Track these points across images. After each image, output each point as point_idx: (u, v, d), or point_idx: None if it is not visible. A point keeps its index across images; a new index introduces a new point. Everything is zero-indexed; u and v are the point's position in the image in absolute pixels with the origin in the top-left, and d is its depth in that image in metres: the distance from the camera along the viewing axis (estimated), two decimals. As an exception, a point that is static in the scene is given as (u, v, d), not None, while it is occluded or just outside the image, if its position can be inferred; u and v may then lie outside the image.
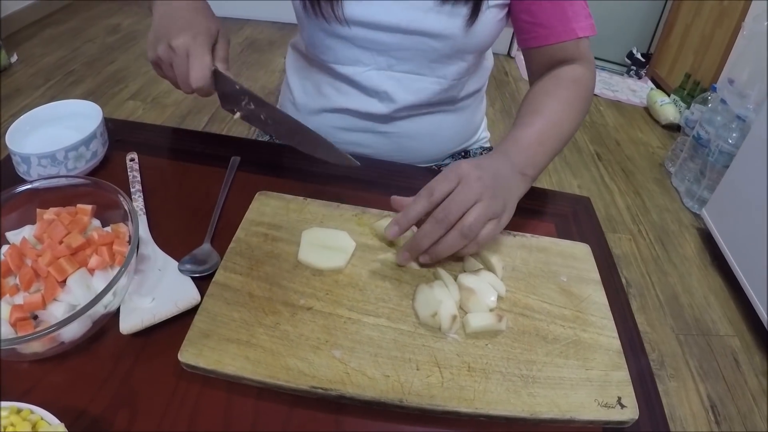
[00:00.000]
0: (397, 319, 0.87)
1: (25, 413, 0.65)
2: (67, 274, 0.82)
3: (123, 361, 0.80)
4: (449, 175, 0.94)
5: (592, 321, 0.91)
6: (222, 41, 1.05)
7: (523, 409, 0.77)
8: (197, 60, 0.98)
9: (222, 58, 1.04)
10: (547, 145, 1.13)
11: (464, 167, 0.94)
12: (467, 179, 0.92)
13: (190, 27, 1.01)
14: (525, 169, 1.07)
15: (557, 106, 1.18)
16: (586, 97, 1.23)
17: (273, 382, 0.76)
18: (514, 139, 1.10)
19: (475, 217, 0.91)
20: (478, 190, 0.92)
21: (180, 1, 1.08)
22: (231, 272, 0.91)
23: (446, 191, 0.92)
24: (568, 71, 1.23)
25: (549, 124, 1.14)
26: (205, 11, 1.08)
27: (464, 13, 1.17)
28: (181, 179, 1.15)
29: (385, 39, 1.22)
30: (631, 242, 3.16)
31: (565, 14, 1.19)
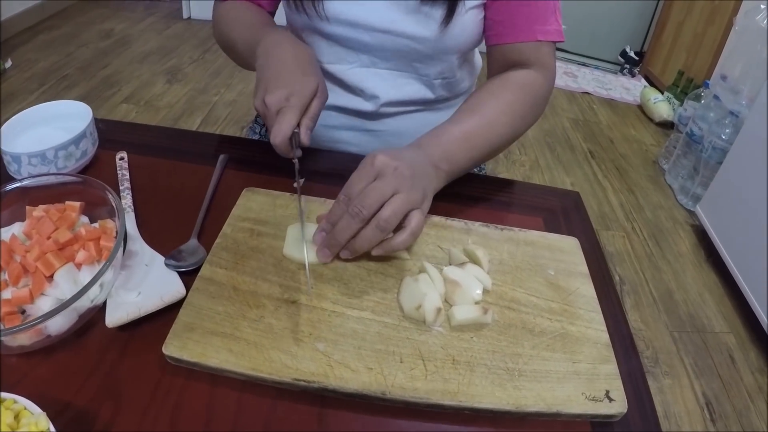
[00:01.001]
0: (381, 312, 0.87)
1: (8, 402, 0.65)
2: (54, 268, 0.82)
3: (108, 354, 0.81)
4: (365, 170, 0.93)
5: (579, 314, 0.91)
6: (318, 99, 1.04)
7: (508, 402, 0.76)
8: (283, 121, 0.98)
9: (312, 116, 1.03)
10: (472, 143, 1.12)
11: (380, 159, 0.93)
12: (384, 171, 0.92)
13: (287, 85, 1.01)
14: (439, 163, 1.06)
15: (495, 108, 1.16)
16: (533, 104, 1.22)
17: (256, 374, 0.76)
18: (435, 133, 1.11)
19: (392, 209, 0.89)
20: (394, 181, 0.91)
21: (285, 52, 1.07)
22: (216, 267, 0.91)
23: (363, 189, 0.91)
24: (517, 75, 1.21)
25: (481, 124, 1.13)
26: (306, 66, 1.06)
27: (439, 15, 1.17)
28: (170, 177, 1.15)
29: (365, 38, 1.22)
30: (624, 240, 3.16)
31: (530, 16, 1.18)
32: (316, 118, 1.04)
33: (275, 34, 1.11)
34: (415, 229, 0.92)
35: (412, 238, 0.92)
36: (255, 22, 1.23)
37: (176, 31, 5.24)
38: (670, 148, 3.76)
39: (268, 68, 1.05)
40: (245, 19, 1.25)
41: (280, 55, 1.07)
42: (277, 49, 1.08)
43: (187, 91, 4.18)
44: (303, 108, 1.01)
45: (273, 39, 1.10)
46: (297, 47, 1.09)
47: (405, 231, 0.91)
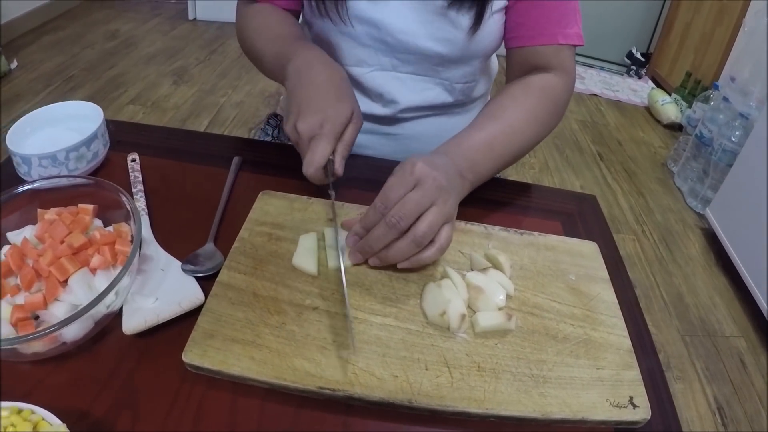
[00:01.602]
0: (404, 318, 0.86)
1: (26, 413, 0.64)
2: (68, 273, 0.81)
3: (126, 361, 0.79)
4: (404, 177, 0.91)
5: (601, 320, 0.90)
6: (353, 125, 1.02)
7: (534, 409, 0.75)
8: (315, 150, 0.96)
9: (346, 144, 1.01)
10: (496, 151, 1.10)
11: (420, 168, 0.90)
12: (423, 181, 0.89)
13: (320, 111, 0.99)
14: (465, 173, 1.03)
15: (518, 114, 1.15)
16: (555, 109, 1.21)
17: (279, 382, 0.75)
18: (458, 141, 1.08)
19: (428, 223, 0.88)
20: (433, 193, 0.89)
21: (317, 74, 1.05)
22: (235, 272, 0.90)
23: (401, 197, 0.89)
24: (539, 79, 1.20)
25: (503, 131, 1.12)
26: (341, 92, 1.04)
27: (468, 21, 1.16)
28: (183, 179, 1.14)
29: (389, 40, 1.20)
30: (635, 243, 3.15)
31: (551, 19, 1.17)
32: (351, 146, 1.02)
33: (306, 52, 1.09)
34: (443, 244, 0.90)
35: (439, 253, 0.91)
36: (283, 35, 1.20)
37: (182, 32, 5.24)
38: (679, 150, 3.75)
39: (301, 91, 1.03)
40: (272, 29, 1.23)
41: (312, 77, 1.04)
42: (309, 70, 1.06)
43: (194, 92, 4.18)
44: (337, 136, 0.99)
45: (304, 58, 1.08)
46: (330, 69, 1.06)
47: (434, 245, 0.90)
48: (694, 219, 3.37)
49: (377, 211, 0.90)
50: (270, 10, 1.27)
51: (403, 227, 0.87)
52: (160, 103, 4.01)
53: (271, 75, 1.24)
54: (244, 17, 1.30)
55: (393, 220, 0.87)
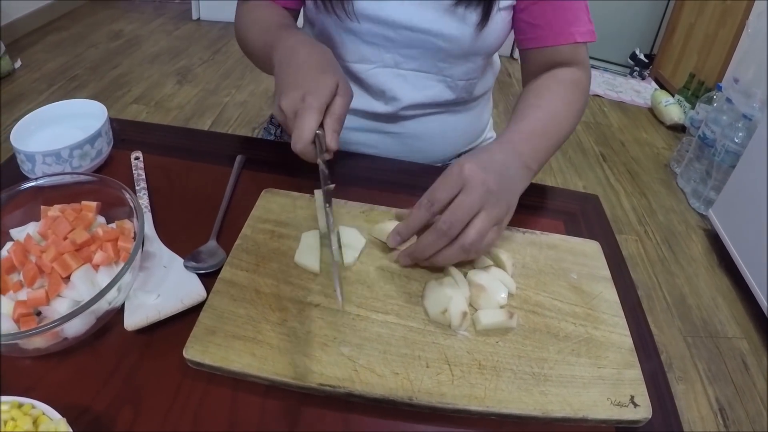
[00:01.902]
0: (406, 316, 0.86)
1: (26, 408, 0.64)
2: (71, 269, 0.81)
3: (127, 357, 0.80)
4: (452, 179, 0.89)
5: (603, 319, 0.90)
6: (340, 97, 0.98)
7: (534, 407, 0.76)
8: (300, 124, 0.93)
9: (336, 117, 0.97)
10: (549, 138, 1.10)
11: (468, 169, 0.89)
12: (471, 184, 0.88)
13: (300, 86, 0.96)
14: (530, 163, 1.03)
15: (557, 103, 1.16)
16: (584, 101, 1.22)
17: (280, 379, 0.75)
18: (517, 130, 1.07)
19: (477, 230, 0.87)
20: (481, 197, 0.88)
21: (298, 55, 1.03)
22: (237, 269, 0.90)
23: (448, 199, 0.88)
24: (567, 73, 1.22)
25: (549, 118, 1.12)
26: (323, 65, 1.02)
27: (475, 18, 1.17)
28: (186, 178, 1.14)
29: (394, 36, 1.20)
30: (637, 243, 3.15)
31: (566, 18, 1.19)
32: (342, 118, 0.99)
33: (290, 39, 1.08)
34: (486, 247, 0.90)
35: (478, 255, 0.94)
36: (272, 25, 1.19)
37: (186, 32, 5.24)
38: (682, 151, 3.75)
39: (283, 74, 1.02)
40: (263, 21, 1.23)
41: (295, 59, 1.03)
42: (292, 53, 1.05)
43: (198, 91, 4.18)
44: (322, 107, 0.95)
45: (289, 44, 1.07)
46: (312, 48, 1.05)
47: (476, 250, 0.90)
48: (697, 220, 3.36)
49: (424, 210, 0.90)
50: (262, 6, 1.27)
51: (453, 234, 0.87)
52: (164, 102, 4.01)
53: (262, 67, 1.23)
54: (240, 13, 1.30)
55: (444, 227, 0.86)
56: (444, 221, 0.86)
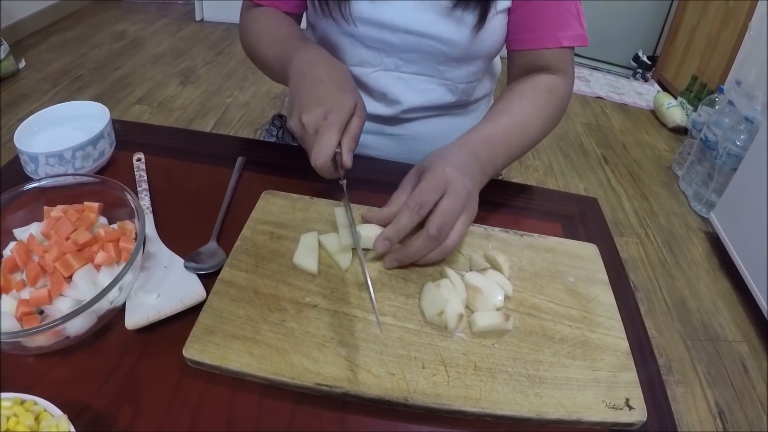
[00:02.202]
0: (403, 317, 0.86)
1: (28, 404, 0.65)
2: (73, 269, 0.82)
3: (128, 356, 0.81)
4: (436, 182, 0.93)
5: (599, 321, 0.90)
6: (357, 117, 1.01)
7: (529, 409, 0.76)
8: (322, 141, 0.96)
9: (353, 136, 1.00)
10: (512, 144, 1.13)
11: (449, 173, 0.94)
12: (454, 188, 0.93)
13: (323, 103, 0.98)
14: (487, 168, 1.06)
15: (528, 109, 1.18)
16: (559, 108, 1.24)
17: (278, 378, 0.76)
18: (477, 134, 1.10)
19: (458, 234, 0.93)
20: (464, 201, 0.93)
21: (318, 70, 1.05)
22: (237, 269, 0.91)
23: (434, 202, 0.92)
24: (546, 79, 1.23)
25: (516, 125, 1.15)
26: (343, 84, 1.04)
27: (472, 20, 1.17)
28: (188, 179, 1.15)
29: (393, 40, 1.21)
30: (638, 246, 3.15)
31: (555, 21, 1.19)
32: (357, 138, 1.01)
33: (308, 52, 1.10)
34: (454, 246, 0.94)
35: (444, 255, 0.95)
36: (284, 36, 1.20)
37: (189, 33, 5.25)
38: (684, 154, 3.75)
39: (303, 87, 1.03)
40: (274, 31, 1.23)
41: (314, 73, 1.05)
42: (311, 67, 1.06)
43: (200, 92, 4.19)
44: (342, 126, 0.98)
45: (306, 57, 1.09)
46: (332, 65, 1.07)
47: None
48: (698, 223, 3.36)
49: (414, 214, 0.91)
50: (271, 14, 1.28)
51: (443, 239, 0.92)
52: (167, 103, 4.02)
53: (274, 77, 1.25)
54: (246, 21, 1.31)
55: (435, 233, 0.90)
56: (434, 227, 0.90)
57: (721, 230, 2.99)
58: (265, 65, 1.25)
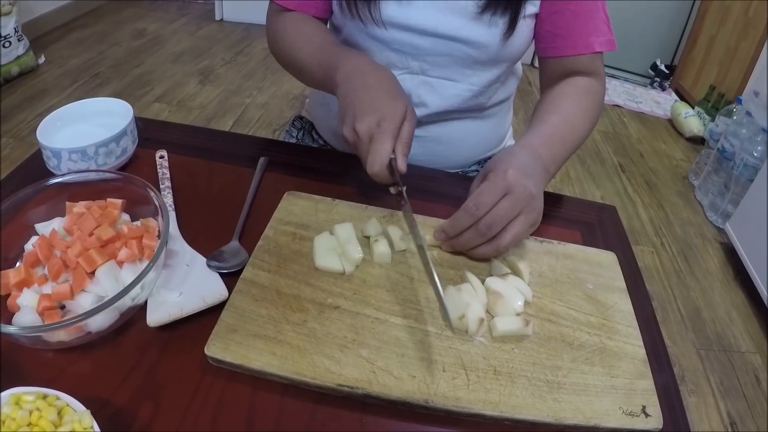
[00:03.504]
0: (424, 320, 0.87)
1: (51, 399, 0.66)
2: (96, 265, 0.82)
3: (149, 353, 0.81)
4: (497, 184, 0.94)
5: (617, 329, 0.90)
6: (408, 123, 1.01)
7: (548, 414, 0.76)
8: (377, 148, 0.96)
9: (405, 142, 1.00)
10: (566, 143, 1.15)
11: (511, 175, 0.95)
12: (514, 190, 0.93)
13: (375, 110, 0.99)
14: (549, 166, 1.09)
15: (574, 108, 1.20)
16: (598, 109, 1.26)
17: (299, 378, 0.77)
18: (538, 134, 1.13)
19: (513, 236, 0.94)
20: (522, 202, 0.94)
21: (368, 77, 1.06)
22: (259, 269, 0.91)
23: (493, 203, 0.93)
24: (584, 81, 1.25)
25: (567, 124, 1.17)
26: (393, 91, 1.05)
27: (502, 24, 1.17)
28: (210, 178, 1.16)
29: (420, 43, 1.21)
30: (653, 255, 3.14)
31: (586, 28, 1.21)
32: (410, 143, 1.02)
33: (353, 59, 1.10)
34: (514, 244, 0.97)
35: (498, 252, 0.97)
36: (324, 43, 1.20)
37: (209, 32, 5.26)
38: (701, 164, 3.73)
39: (354, 95, 1.03)
40: (311, 40, 1.23)
41: (364, 81, 1.05)
42: (360, 75, 1.06)
43: (220, 92, 4.20)
44: (396, 132, 0.98)
45: (352, 64, 1.09)
46: (378, 71, 1.07)
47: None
48: (714, 233, 3.35)
49: (468, 213, 0.94)
50: (303, 20, 1.27)
51: (491, 236, 0.94)
52: (186, 102, 4.03)
53: (313, 83, 1.25)
54: (276, 26, 1.30)
55: (483, 229, 0.93)
56: (484, 224, 0.93)
57: (736, 241, 2.97)
58: (304, 71, 1.24)
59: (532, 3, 1.19)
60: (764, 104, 3.13)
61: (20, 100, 3.81)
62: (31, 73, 4.14)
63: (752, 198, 2.89)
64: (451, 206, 1.00)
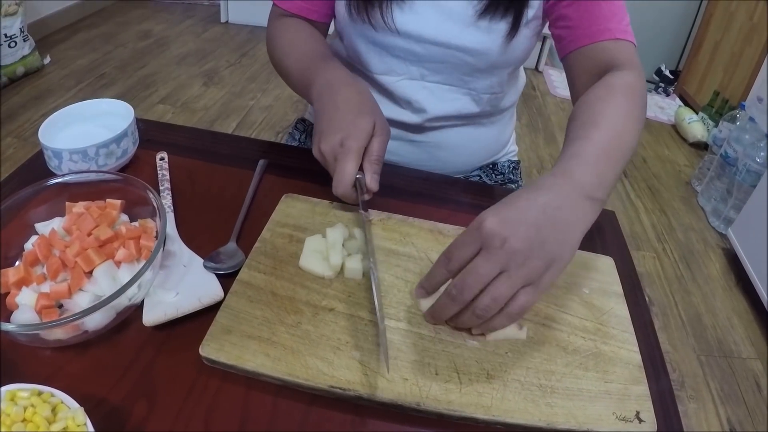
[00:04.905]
0: (417, 323, 0.87)
1: (45, 396, 0.66)
2: (94, 264, 0.83)
3: (144, 352, 0.82)
4: (470, 237, 0.80)
5: (613, 334, 0.90)
6: (377, 138, 0.99)
7: (540, 418, 0.76)
8: (341, 170, 0.96)
9: (375, 159, 0.98)
10: (613, 159, 0.92)
11: (488, 226, 0.78)
12: (489, 245, 0.77)
13: (339, 129, 0.98)
14: (594, 192, 0.86)
15: (615, 116, 0.98)
16: (643, 106, 1.07)
17: (292, 379, 0.77)
18: (575, 155, 0.90)
19: (491, 298, 0.77)
20: (501, 259, 0.77)
21: (337, 95, 1.05)
22: (255, 271, 0.92)
23: (466, 258, 0.80)
24: (619, 77, 1.08)
25: (610, 136, 0.94)
26: (361, 107, 1.02)
27: (503, 30, 1.17)
28: (209, 180, 1.16)
29: (419, 50, 1.22)
30: (655, 260, 3.14)
31: (602, 14, 1.12)
32: (380, 158, 1.00)
33: (328, 73, 1.10)
34: (514, 312, 0.80)
35: (509, 321, 0.82)
36: (308, 53, 1.21)
37: (214, 34, 5.27)
38: (704, 169, 3.73)
39: (323, 115, 1.04)
40: (299, 46, 1.23)
41: (333, 99, 1.05)
42: (330, 92, 1.06)
43: (224, 94, 4.21)
44: (360, 150, 0.97)
45: (325, 80, 1.09)
46: (349, 88, 1.06)
47: (502, 313, 0.80)
48: (716, 239, 3.34)
49: (442, 267, 0.83)
50: (299, 26, 1.28)
51: (464, 300, 0.79)
52: (190, 103, 4.04)
53: (298, 92, 1.25)
54: (274, 30, 1.30)
55: (453, 292, 0.79)
56: (454, 285, 0.80)
57: (738, 247, 2.97)
58: (290, 79, 1.25)
59: (530, 7, 1.18)
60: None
61: (25, 100, 3.82)
62: (36, 73, 4.15)
63: (755, 204, 2.89)
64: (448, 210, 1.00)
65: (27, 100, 3.83)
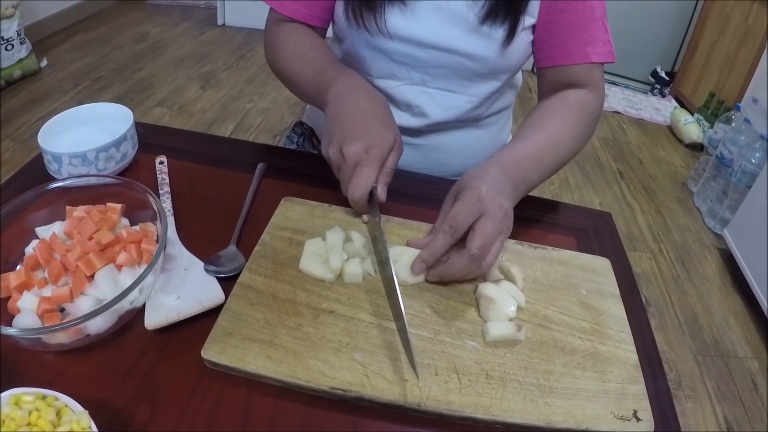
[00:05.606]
0: (417, 325, 0.87)
1: (50, 400, 0.67)
2: (95, 268, 0.84)
3: (146, 355, 0.82)
4: (472, 205, 0.92)
5: (610, 334, 0.91)
6: (394, 153, 1.03)
7: (539, 418, 0.77)
8: (362, 174, 0.97)
9: (388, 172, 1.01)
10: (543, 163, 1.12)
11: (485, 195, 0.93)
12: (491, 209, 0.92)
13: (365, 136, 0.99)
14: (519, 184, 1.05)
15: (559, 126, 1.17)
16: (590, 124, 1.24)
17: (293, 381, 0.77)
18: (509, 152, 1.10)
19: (495, 253, 0.92)
20: (501, 221, 0.92)
21: (362, 102, 1.06)
22: (255, 274, 0.92)
23: (470, 224, 0.92)
24: (575, 94, 1.23)
25: (548, 142, 1.14)
26: (384, 118, 1.05)
27: (500, 36, 1.18)
28: (209, 183, 1.16)
29: (421, 55, 1.22)
30: (651, 261, 3.15)
31: (582, 37, 1.20)
32: (392, 173, 1.03)
33: (347, 78, 1.11)
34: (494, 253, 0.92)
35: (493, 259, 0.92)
36: (319, 58, 1.21)
37: (211, 37, 5.28)
38: (699, 170, 3.74)
39: (345, 117, 1.04)
40: (307, 52, 1.23)
41: (356, 103, 1.05)
42: (351, 96, 1.07)
43: (221, 97, 4.21)
44: (382, 162, 1.00)
45: (346, 84, 1.09)
46: (371, 96, 1.08)
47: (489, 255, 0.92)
48: (712, 239, 3.35)
49: (448, 236, 0.92)
50: (304, 31, 1.27)
51: (483, 258, 0.90)
52: (187, 106, 4.05)
53: (307, 98, 1.25)
54: (275, 36, 1.29)
55: (477, 252, 0.89)
56: (476, 247, 0.89)
57: (734, 247, 2.98)
58: (297, 83, 1.24)
59: (530, 15, 1.19)
60: (763, 111, 3.13)
61: (22, 104, 3.82)
62: (33, 76, 4.16)
63: (750, 204, 2.90)
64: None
65: (24, 103, 3.83)
